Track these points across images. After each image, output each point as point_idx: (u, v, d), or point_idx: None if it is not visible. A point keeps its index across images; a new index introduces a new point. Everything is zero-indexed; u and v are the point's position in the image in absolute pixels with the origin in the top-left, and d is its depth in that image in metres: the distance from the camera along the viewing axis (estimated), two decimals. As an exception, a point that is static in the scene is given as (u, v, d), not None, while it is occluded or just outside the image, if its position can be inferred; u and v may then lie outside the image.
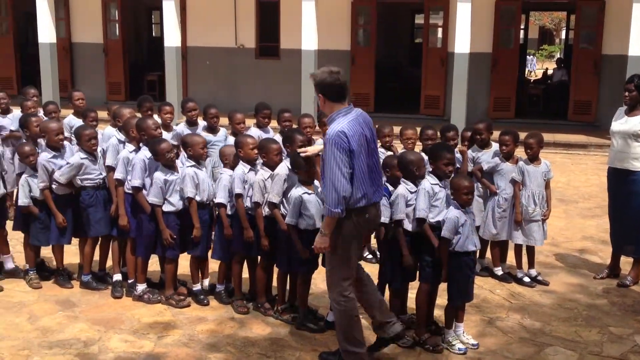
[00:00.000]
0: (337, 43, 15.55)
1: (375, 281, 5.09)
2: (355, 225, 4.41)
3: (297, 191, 5.11)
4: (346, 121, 4.32)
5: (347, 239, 4.42)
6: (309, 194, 5.11)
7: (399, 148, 6.66)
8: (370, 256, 6.81)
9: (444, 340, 5.03)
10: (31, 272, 6.09)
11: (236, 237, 5.50)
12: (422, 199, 4.94)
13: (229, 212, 5.52)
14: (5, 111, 7.92)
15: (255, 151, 5.47)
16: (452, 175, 5.15)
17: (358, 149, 4.29)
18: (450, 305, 5.04)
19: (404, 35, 21.19)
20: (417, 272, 5.16)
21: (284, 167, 5.30)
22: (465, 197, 4.88)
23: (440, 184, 5.03)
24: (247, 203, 5.42)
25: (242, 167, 5.48)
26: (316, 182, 5.19)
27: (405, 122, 7.85)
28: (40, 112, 7.60)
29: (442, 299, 5.20)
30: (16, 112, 7.82)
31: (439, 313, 5.33)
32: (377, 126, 6.76)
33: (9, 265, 6.29)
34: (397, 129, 6.71)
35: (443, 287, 5.11)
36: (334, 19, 15.38)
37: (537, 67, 29.97)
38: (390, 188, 5.16)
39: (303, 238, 5.08)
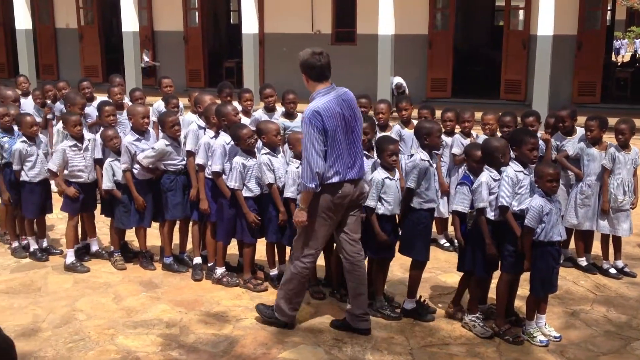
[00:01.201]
0: (414, 27, 15.33)
1: (450, 267, 5.00)
2: (327, 200, 4.61)
3: (380, 174, 5.09)
4: (323, 101, 4.53)
5: (315, 213, 4.63)
6: (391, 179, 5.08)
7: (480, 134, 6.51)
8: (447, 244, 6.71)
9: (524, 332, 4.90)
10: (116, 254, 6.31)
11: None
12: (505, 187, 4.80)
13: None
14: (90, 99, 8.21)
15: None
16: (537, 161, 4.98)
17: (333, 128, 4.48)
18: (532, 296, 4.90)
19: (484, 18, 20.67)
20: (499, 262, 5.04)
21: None
22: (550, 185, 4.70)
23: (524, 171, 4.86)
24: None
25: None
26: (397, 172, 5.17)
27: (484, 107, 7.67)
28: (127, 99, 7.86)
29: (524, 289, 5.07)
30: (102, 100, 8.08)
31: (520, 304, 5.20)
32: (458, 110, 6.69)
33: (94, 247, 6.53)
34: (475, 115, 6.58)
35: (525, 277, 4.96)
36: (411, 3, 15.14)
37: (628, 50, 28.64)
38: (472, 177, 5.05)
39: (380, 224, 5.07)
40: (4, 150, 6.27)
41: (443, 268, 6.08)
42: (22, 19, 16.50)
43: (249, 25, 15.00)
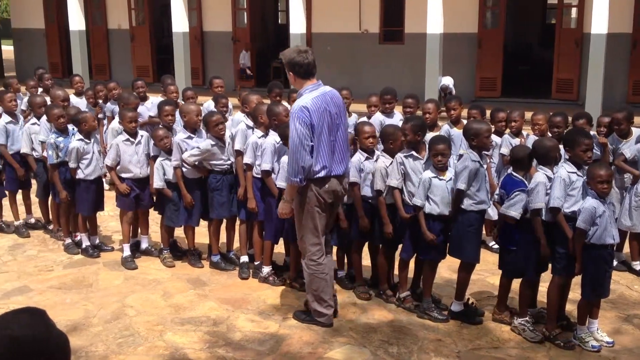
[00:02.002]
0: (463, 26, 15.13)
1: (499, 270, 4.92)
2: (316, 195, 4.77)
3: (428, 174, 5.07)
4: (311, 97, 4.67)
5: (311, 208, 4.80)
6: (440, 179, 5.03)
7: (530, 134, 6.40)
8: (496, 246, 6.59)
9: (575, 337, 4.79)
10: (165, 252, 6.40)
11: (354, 225, 5.50)
12: (557, 188, 4.69)
13: (345, 201, 5.50)
14: (143, 99, 8.36)
15: (371, 140, 5.44)
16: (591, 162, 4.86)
17: (319, 124, 4.63)
18: (584, 300, 4.78)
19: (535, 16, 20.29)
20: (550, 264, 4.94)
21: (401, 154, 5.28)
22: (601, 186, 4.57)
23: (578, 173, 4.75)
24: (366, 191, 5.42)
25: (359, 155, 5.46)
26: (450, 171, 5.09)
27: (535, 107, 7.52)
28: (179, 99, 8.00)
29: (575, 293, 4.95)
30: (154, 99, 8.22)
31: (571, 308, 5.08)
32: (508, 111, 6.58)
33: (144, 244, 6.65)
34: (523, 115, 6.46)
35: (577, 280, 4.85)
36: (460, 1, 14.95)
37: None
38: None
39: (427, 223, 5.06)
40: (59, 150, 6.43)
41: (491, 270, 5.99)
42: (76, 20, 16.91)
43: (297, 25, 15.04)
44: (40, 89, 9.03)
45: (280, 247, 6.15)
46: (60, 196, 6.50)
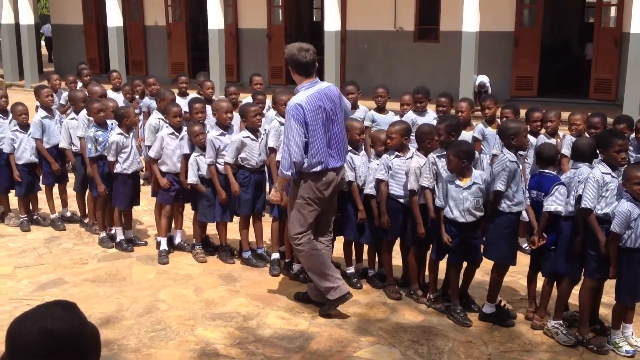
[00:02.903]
0: (499, 24, 14.95)
1: (520, 269, 4.85)
2: (312, 188, 4.94)
3: (446, 176, 5.05)
4: (306, 95, 4.85)
5: (304, 199, 4.97)
6: (456, 185, 4.99)
7: (567, 134, 6.30)
8: (528, 247, 6.51)
9: (609, 342, 4.71)
10: (197, 247, 6.46)
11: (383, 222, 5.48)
12: (590, 188, 4.60)
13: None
14: (184, 94, 8.45)
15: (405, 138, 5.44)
16: (625, 163, 4.77)
17: (314, 121, 4.80)
18: (618, 304, 4.70)
19: (573, 15, 19.95)
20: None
21: (434, 154, 5.27)
22: (637, 188, 4.48)
23: (612, 174, 4.66)
24: (394, 190, 5.41)
25: (388, 154, 5.44)
26: (476, 174, 5.03)
27: (572, 107, 7.41)
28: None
29: (610, 297, 4.87)
30: (190, 96, 8.30)
31: (606, 312, 4.99)
32: (544, 112, 6.48)
33: (178, 239, 6.72)
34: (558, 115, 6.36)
35: (612, 283, 4.76)
36: (497, -1, 14.79)
37: None
38: (563, 177, 4.90)
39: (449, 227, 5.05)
40: (98, 144, 6.53)
41: (524, 272, 5.90)
42: (114, 17, 17.15)
43: (332, 22, 15.02)
44: (79, 84, 9.18)
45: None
46: (98, 189, 6.60)
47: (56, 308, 1.71)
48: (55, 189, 7.52)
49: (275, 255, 6.16)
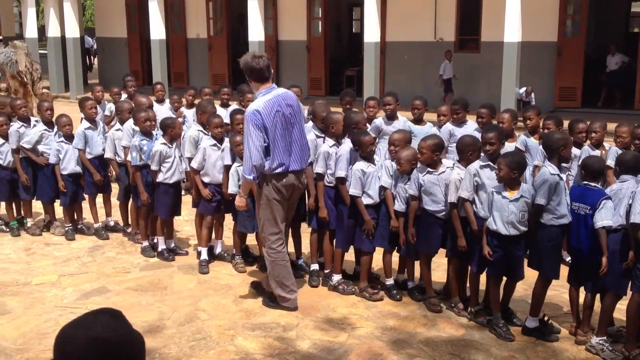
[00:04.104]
0: (542, 34, 14.78)
1: (564, 283, 4.75)
2: (274, 189, 5.18)
3: (493, 187, 4.98)
4: (263, 100, 5.06)
5: (269, 201, 5.22)
6: (503, 196, 4.91)
7: (612, 146, 6.17)
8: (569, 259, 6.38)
9: (658, 359, 4.57)
10: (237, 257, 6.50)
11: (420, 236, 5.44)
12: (639, 202, 4.49)
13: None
14: (226, 105, 8.55)
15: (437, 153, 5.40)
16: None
17: (272, 125, 5.03)
18: (667, 321, 4.56)
19: (617, 25, 19.60)
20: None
21: (476, 163, 5.17)
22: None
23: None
24: (430, 206, 5.37)
25: (417, 171, 5.41)
26: (524, 187, 4.96)
27: (616, 118, 7.26)
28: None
29: (657, 313, 4.73)
30: (232, 107, 8.38)
31: (653, 329, 4.85)
32: (588, 123, 6.36)
33: (218, 249, 6.77)
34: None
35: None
36: (540, 9, 14.61)
37: None
38: (608, 190, 4.79)
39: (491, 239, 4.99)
40: (143, 152, 6.64)
41: (567, 286, 5.79)
42: (157, 30, 17.47)
43: (371, 33, 15.04)
44: (123, 96, 9.35)
45: (350, 256, 6.14)
46: (141, 198, 6.70)
47: (104, 316, 1.73)
48: (100, 199, 7.66)
49: (315, 266, 6.16)
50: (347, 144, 5.74)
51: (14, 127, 7.37)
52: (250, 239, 6.72)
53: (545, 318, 5.10)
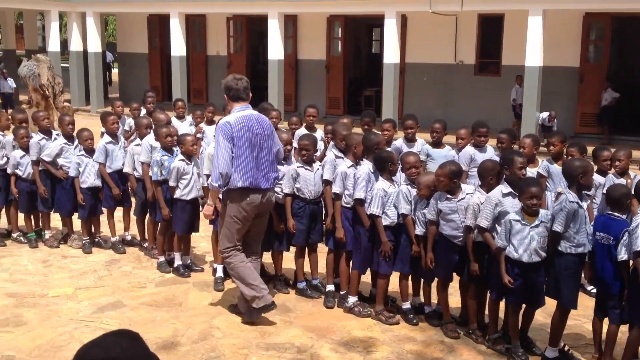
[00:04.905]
0: (563, 59, 14.74)
1: (585, 312, 4.65)
2: (237, 207, 5.36)
3: (512, 216, 4.90)
4: (236, 116, 5.36)
5: (230, 217, 5.40)
6: (523, 223, 4.84)
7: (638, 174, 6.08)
8: (594, 290, 6.27)
9: (682, 394, 4.46)
10: (253, 275, 6.45)
11: (437, 262, 5.38)
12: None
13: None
14: None
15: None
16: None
17: (239, 138, 5.27)
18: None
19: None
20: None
21: (497, 191, 5.09)
22: None
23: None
24: (446, 231, 5.31)
25: (435, 198, 5.35)
26: (542, 213, 4.88)
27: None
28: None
29: (682, 347, 4.62)
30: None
31: (677, 362, 4.74)
32: (613, 150, 6.27)
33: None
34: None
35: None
36: (562, 34, 14.58)
37: None
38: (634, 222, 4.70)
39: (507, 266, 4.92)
40: (163, 168, 6.65)
41: (589, 316, 5.69)
42: (178, 47, 17.63)
43: (391, 55, 15.07)
44: (142, 111, 9.41)
45: (367, 278, 6.08)
46: (162, 213, 6.69)
47: (123, 338, 1.72)
48: (119, 212, 7.67)
49: (330, 287, 6.10)
50: (366, 165, 5.71)
51: (35, 139, 7.42)
52: (266, 258, 6.68)
53: (566, 348, 5.00)
